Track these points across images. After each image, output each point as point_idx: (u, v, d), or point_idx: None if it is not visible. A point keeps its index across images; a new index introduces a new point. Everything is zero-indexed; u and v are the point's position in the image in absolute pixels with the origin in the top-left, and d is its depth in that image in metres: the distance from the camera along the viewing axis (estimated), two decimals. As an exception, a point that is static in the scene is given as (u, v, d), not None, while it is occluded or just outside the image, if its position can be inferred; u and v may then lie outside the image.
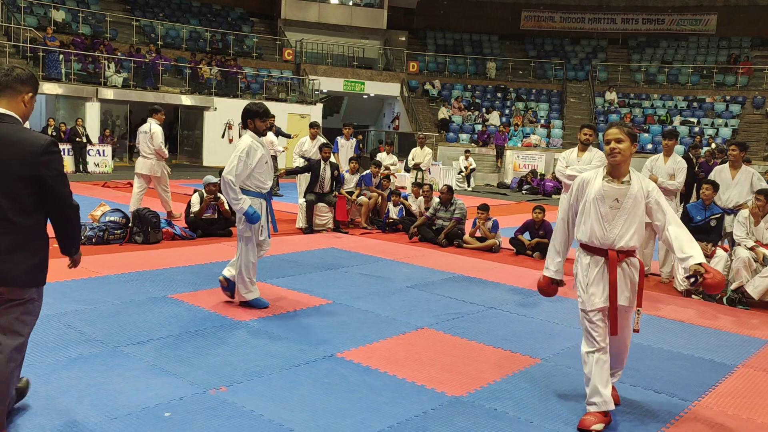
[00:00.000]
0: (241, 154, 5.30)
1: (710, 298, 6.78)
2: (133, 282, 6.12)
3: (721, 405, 4.11)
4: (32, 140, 2.90)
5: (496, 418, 3.72)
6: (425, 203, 10.36)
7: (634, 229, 3.64)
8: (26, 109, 3.01)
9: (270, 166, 5.64)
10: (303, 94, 24.00)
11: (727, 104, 25.23)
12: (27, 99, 3.01)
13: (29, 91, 3.02)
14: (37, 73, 18.66)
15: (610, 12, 30.24)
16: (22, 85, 2.99)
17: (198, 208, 8.85)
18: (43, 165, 2.88)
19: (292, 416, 3.58)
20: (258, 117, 5.42)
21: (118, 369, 4.03)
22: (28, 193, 2.89)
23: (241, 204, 5.27)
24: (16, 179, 2.86)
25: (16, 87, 2.97)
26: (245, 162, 5.30)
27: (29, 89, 3.01)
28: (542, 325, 5.60)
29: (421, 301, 6.13)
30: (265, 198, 5.55)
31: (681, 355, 5.03)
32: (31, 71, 3.09)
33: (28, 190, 2.89)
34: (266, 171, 5.50)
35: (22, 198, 2.88)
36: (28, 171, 2.86)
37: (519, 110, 26.02)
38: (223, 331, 4.94)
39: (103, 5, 24.28)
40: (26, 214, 2.91)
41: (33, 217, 2.94)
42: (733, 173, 7.46)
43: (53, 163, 2.92)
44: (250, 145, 5.37)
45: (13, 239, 2.90)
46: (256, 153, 5.37)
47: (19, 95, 2.98)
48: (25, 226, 2.91)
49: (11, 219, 2.88)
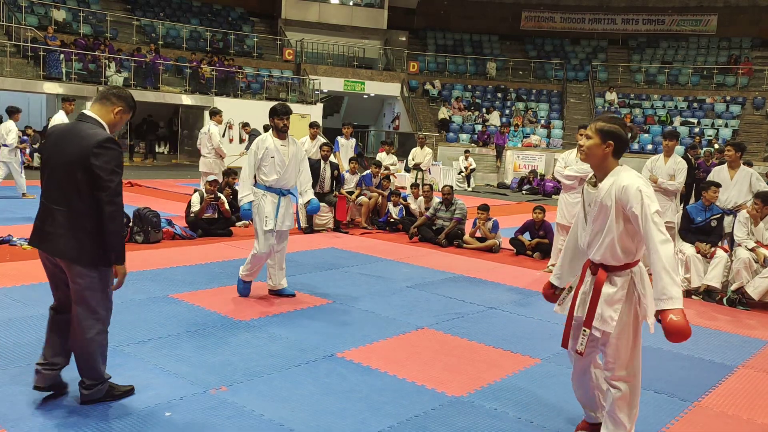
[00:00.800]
0: (252, 147, 5.82)
1: (710, 299, 6.78)
2: (134, 281, 6.12)
3: (721, 405, 4.11)
4: (94, 135, 3.31)
5: (496, 418, 3.72)
6: (425, 203, 10.36)
7: (604, 242, 3.08)
8: (114, 120, 3.48)
9: (279, 162, 5.77)
10: (303, 94, 24.00)
11: (728, 105, 25.23)
12: (116, 112, 3.48)
13: (121, 106, 3.49)
14: (37, 72, 18.71)
15: (611, 12, 30.23)
16: (117, 99, 3.49)
17: (198, 208, 8.85)
18: (93, 156, 3.25)
19: (293, 416, 3.58)
20: (276, 115, 5.79)
21: (119, 368, 4.03)
22: (82, 179, 3.27)
23: (240, 197, 5.83)
24: (76, 166, 3.27)
25: (111, 99, 3.48)
26: (254, 153, 5.74)
27: (121, 106, 3.49)
28: (542, 325, 5.60)
29: (422, 301, 6.14)
30: (278, 193, 5.78)
31: (681, 355, 5.03)
32: (130, 95, 3.59)
33: (83, 177, 3.27)
34: (270, 165, 5.72)
35: (80, 184, 3.28)
36: (84, 160, 3.25)
37: (519, 110, 26.01)
38: (224, 330, 4.94)
39: (104, 5, 24.27)
40: (82, 199, 3.30)
41: (87, 203, 3.30)
42: (731, 174, 7.46)
43: (103, 156, 3.26)
44: (258, 140, 5.82)
45: (67, 217, 3.31)
46: (263, 145, 5.74)
47: (112, 106, 3.48)
48: (80, 209, 3.31)
49: (69, 200, 3.31)
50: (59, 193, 3.33)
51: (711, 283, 6.74)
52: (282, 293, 6.00)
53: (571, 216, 7.51)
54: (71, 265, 3.33)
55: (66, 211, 3.31)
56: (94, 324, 3.42)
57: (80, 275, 3.34)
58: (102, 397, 3.55)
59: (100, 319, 3.44)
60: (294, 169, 5.88)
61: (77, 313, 3.40)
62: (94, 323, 3.42)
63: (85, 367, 3.49)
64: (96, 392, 3.52)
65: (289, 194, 5.89)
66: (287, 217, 5.84)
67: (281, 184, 5.78)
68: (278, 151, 5.74)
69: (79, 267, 3.32)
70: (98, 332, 3.44)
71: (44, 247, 3.40)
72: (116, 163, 3.32)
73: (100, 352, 3.49)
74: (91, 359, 3.46)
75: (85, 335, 3.41)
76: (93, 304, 3.39)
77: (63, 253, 3.32)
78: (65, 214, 3.31)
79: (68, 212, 3.31)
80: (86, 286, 3.36)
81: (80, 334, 3.42)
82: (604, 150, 3.20)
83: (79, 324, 3.41)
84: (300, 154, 5.98)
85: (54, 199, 3.35)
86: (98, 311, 3.42)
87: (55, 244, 3.33)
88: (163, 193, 13.64)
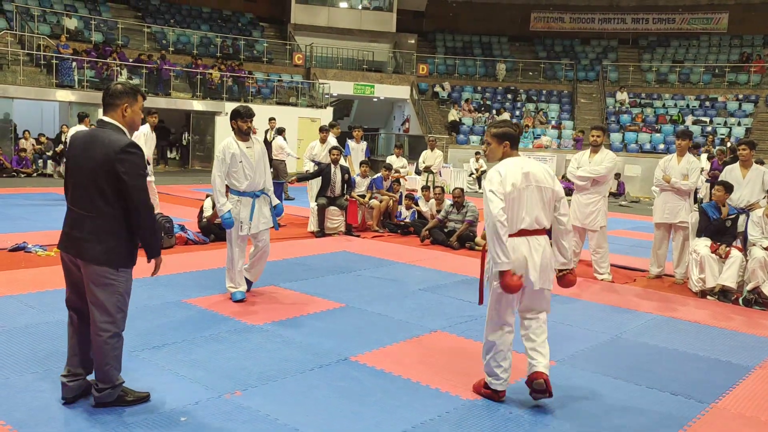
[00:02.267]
0: (218, 154, 5.76)
1: (725, 299, 6.72)
2: (147, 287, 6.15)
3: (739, 407, 4.07)
4: (117, 141, 3.39)
5: (511, 421, 3.71)
6: (437, 206, 10.35)
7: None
8: (127, 117, 3.52)
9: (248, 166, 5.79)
10: (313, 98, 24.06)
11: (740, 103, 25.01)
12: (125, 108, 3.51)
13: (125, 102, 3.51)
14: (50, 80, 18.88)
15: (621, 12, 30.08)
16: (118, 99, 3.51)
17: (210, 213, 8.89)
18: (118, 162, 3.33)
19: (307, 420, 3.58)
20: (239, 117, 5.76)
21: (134, 374, 4.05)
22: (109, 185, 3.35)
23: (219, 207, 5.76)
24: (101, 172, 3.35)
25: (114, 102, 3.51)
26: (222, 160, 5.74)
27: (125, 101, 3.51)
28: (556, 327, 5.56)
29: (434, 304, 6.12)
30: (251, 196, 5.83)
31: (697, 356, 4.99)
32: (129, 85, 3.61)
33: (109, 183, 3.35)
34: (240, 170, 5.76)
35: (105, 189, 3.36)
36: (108, 165, 3.34)
37: (529, 111, 25.92)
38: (237, 335, 4.95)
39: (115, 12, 24.47)
40: (108, 203, 3.37)
41: (114, 207, 3.38)
42: (743, 172, 7.39)
43: (127, 161, 3.35)
44: (223, 146, 5.78)
45: (96, 222, 3.39)
46: (228, 152, 5.73)
47: (119, 108, 3.51)
48: (107, 213, 3.39)
49: (97, 205, 3.38)
50: (86, 199, 3.41)
51: (726, 283, 6.68)
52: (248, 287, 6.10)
53: (584, 217, 7.48)
54: (94, 266, 3.39)
55: (93, 216, 3.39)
56: (109, 327, 3.47)
57: (103, 276, 3.39)
58: (113, 401, 3.57)
59: (115, 322, 3.48)
60: (262, 169, 5.92)
61: (93, 317, 3.45)
62: (109, 326, 3.47)
63: (98, 370, 3.53)
64: (106, 395, 3.54)
65: (262, 194, 5.94)
66: (261, 217, 5.92)
67: (253, 187, 5.85)
68: (245, 155, 5.77)
69: (104, 268, 3.39)
70: (112, 335, 3.48)
71: (73, 252, 3.45)
72: (140, 167, 3.42)
73: (114, 356, 3.52)
74: (104, 362, 3.49)
75: (100, 338, 3.46)
76: (109, 307, 3.45)
77: (91, 256, 3.38)
78: (92, 218, 3.39)
79: (95, 216, 3.38)
80: (105, 289, 3.41)
81: (95, 337, 3.47)
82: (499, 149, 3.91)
83: (94, 327, 3.46)
84: (264, 151, 6.03)
85: (81, 205, 3.43)
86: (114, 315, 3.47)
87: (82, 248, 3.40)
88: (176, 198, 13.72)
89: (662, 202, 7.63)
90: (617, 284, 7.41)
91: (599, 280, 7.51)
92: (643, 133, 23.54)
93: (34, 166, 17.35)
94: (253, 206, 5.85)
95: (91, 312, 3.46)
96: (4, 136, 18.50)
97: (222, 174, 5.76)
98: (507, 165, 3.81)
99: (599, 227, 7.46)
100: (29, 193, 11.74)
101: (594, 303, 6.51)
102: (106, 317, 3.44)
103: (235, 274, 5.92)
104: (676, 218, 7.50)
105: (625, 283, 7.51)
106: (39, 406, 3.56)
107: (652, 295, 6.99)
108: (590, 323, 5.76)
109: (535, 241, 3.83)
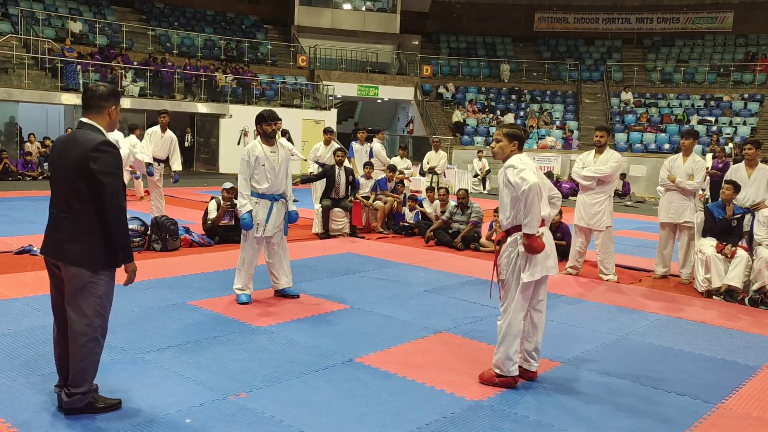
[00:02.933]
0: (243, 156, 5.82)
1: (731, 299, 6.69)
2: (152, 289, 6.17)
3: (745, 407, 4.05)
4: (92, 140, 3.36)
5: (516, 422, 3.70)
6: (441, 207, 10.34)
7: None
8: (111, 120, 3.53)
9: (270, 169, 5.85)
10: (317, 100, 24.08)
11: (745, 102, 24.92)
12: (111, 111, 3.51)
13: (112, 103, 3.51)
14: (55, 84, 18.96)
15: (625, 12, 30.02)
16: (105, 101, 3.49)
17: (215, 215, 8.90)
18: (91, 159, 3.30)
19: (312, 421, 3.58)
20: (263, 121, 5.83)
21: (139, 376, 4.06)
22: (83, 184, 3.32)
23: (239, 207, 5.86)
24: (77, 172, 3.32)
25: (101, 104, 3.48)
26: (246, 162, 5.80)
27: (112, 103, 3.51)
28: (561, 327, 5.56)
29: (439, 305, 6.12)
30: (270, 199, 5.88)
31: (703, 356, 4.97)
32: (112, 87, 3.60)
33: (83, 182, 3.32)
34: (262, 173, 5.82)
35: (81, 189, 3.33)
36: (83, 164, 3.31)
37: (534, 112, 25.88)
38: (242, 337, 4.96)
39: (119, 16, 24.56)
40: (84, 204, 3.35)
41: (90, 207, 3.35)
42: (749, 172, 7.37)
43: (100, 159, 3.32)
44: (248, 148, 5.86)
45: (73, 223, 3.37)
46: (253, 154, 5.80)
47: (104, 110, 3.49)
48: (83, 214, 3.36)
49: (73, 207, 3.36)
50: (63, 201, 3.39)
51: (732, 283, 6.65)
52: (285, 293, 6.09)
53: (589, 217, 7.46)
54: (71, 267, 3.35)
55: (70, 217, 3.37)
56: (86, 330, 3.39)
57: (80, 278, 3.35)
58: (82, 407, 3.49)
59: (92, 325, 3.40)
60: (284, 174, 5.97)
61: (70, 320, 3.40)
62: (87, 330, 3.39)
63: (71, 373, 3.46)
64: (76, 401, 3.47)
65: (281, 199, 5.97)
66: (278, 221, 5.95)
67: (273, 190, 5.89)
68: (268, 159, 5.82)
69: (81, 269, 3.35)
70: (90, 340, 3.41)
71: (52, 254, 3.43)
72: (114, 166, 3.36)
73: (91, 361, 3.45)
74: (79, 366, 3.42)
75: (77, 342, 3.40)
76: (86, 309, 3.38)
77: (68, 258, 3.35)
78: (69, 219, 3.37)
79: (72, 218, 3.36)
80: (83, 291, 3.36)
81: (72, 341, 3.41)
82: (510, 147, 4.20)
83: (72, 331, 3.41)
84: (288, 158, 6.07)
85: (59, 207, 3.41)
86: (91, 318, 3.40)
87: (61, 249, 3.37)
88: (180, 200, 13.75)
89: (667, 201, 7.62)
90: (623, 284, 7.39)
91: (605, 281, 7.49)
92: (648, 133, 23.48)
93: (40, 169, 17.42)
94: (271, 209, 5.89)
95: (69, 315, 3.40)
96: (10, 139, 18.59)
97: (246, 176, 5.81)
98: (526, 160, 4.12)
99: (605, 227, 7.44)
100: (35, 196, 11.79)
101: (599, 303, 6.49)
102: (83, 320, 3.38)
103: (244, 276, 5.90)
104: (680, 218, 7.48)
105: (630, 283, 7.49)
106: (44, 409, 3.57)
107: (657, 295, 6.97)
108: (596, 324, 5.74)
109: (549, 232, 4.28)
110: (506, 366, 4.15)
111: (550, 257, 4.18)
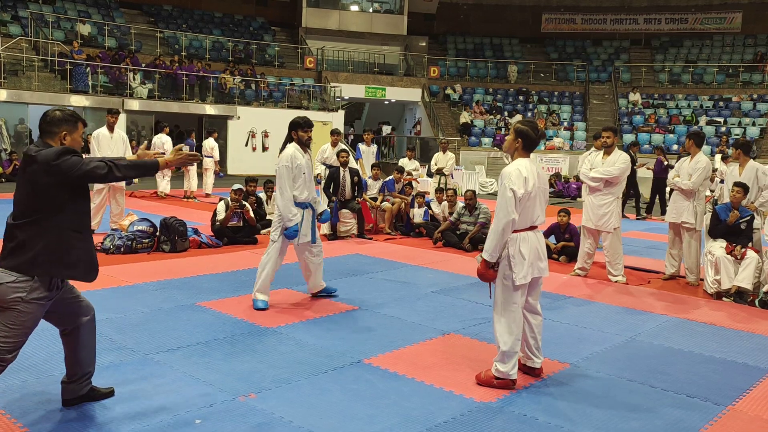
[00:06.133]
0: (287, 164, 5.65)
1: (741, 301, 6.66)
2: (162, 290, 6.20)
3: (756, 409, 4.03)
4: (50, 153, 3.23)
5: (525, 424, 3.69)
6: (449, 208, 10.33)
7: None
8: (66, 144, 3.34)
9: (308, 178, 5.83)
10: (325, 102, 24.12)
11: (754, 103, 24.80)
12: (63, 136, 3.35)
13: (63, 130, 3.35)
14: (64, 86, 19.06)
15: (632, 12, 29.94)
16: (56, 127, 3.35)
17: (223, 216, 8.93)
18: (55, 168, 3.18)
19: (321, 423, 3.59)
20: (299, 128, 5.73)
21: (149, 377, 4.08)
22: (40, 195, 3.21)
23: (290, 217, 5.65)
24: (33, 184, 3.21)
25: (52, 130, 3.35)
26: (290, 169, 5.67)
27: (63, 129, 3.35)
28: (570, 329, 5.55)
29: (447, 306, 6.12)
30: (304, 207, 5.82)
31: (713, 358, 4.94)
32: (68, 112, 3.42)
33: (53, 192, 3.22)
34: (302, 181, 5.75)
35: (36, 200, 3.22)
36: (51, 177, 3.19)
37: (541, 113, 25.84)
38: (251, 338, 4.97)
39: (128, 18, 24.69)
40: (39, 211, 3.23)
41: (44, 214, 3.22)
42: (740, 171, 7.43)
43: (64, 164, 3.19)
44: (290, 157, 5.69)
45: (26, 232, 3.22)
46: (296, 162, 5.69)
47: (56, 136, 3.35)
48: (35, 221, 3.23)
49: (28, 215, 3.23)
50: (18, 210, 3.28)
51: (742, 284, 6.62)
52: (327, 291, 6.22)
53: (597, 218, 7.44)
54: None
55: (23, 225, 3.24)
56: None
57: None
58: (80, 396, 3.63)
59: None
60: (312, 179, 5.96)
61: None
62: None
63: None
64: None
65: (310, 206, 5.95)
66: (308, 227, 5.92)
67: (309, 197, 5.89)
68: (308, 167, 5.79)
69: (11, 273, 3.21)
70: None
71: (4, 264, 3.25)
72: (80, 165, 3.23)
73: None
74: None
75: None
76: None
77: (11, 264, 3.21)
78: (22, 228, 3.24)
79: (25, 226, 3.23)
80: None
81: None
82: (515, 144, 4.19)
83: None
84: (311, 162, 6.04)
85: (15, 216, 3.29)
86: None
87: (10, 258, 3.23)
88: (189, 202, 13.79)
89: (672, 202, 7.67)
90: (631, 286, 7.36)
91: (613, 282, 7.46)
92: (657, 134, 23.39)
93: (49, 170, 17.51)
94: (304, 216, 5.84)
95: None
96: (20, 141, 18.70)
97: (290, 184, 5.67)
98: (526, 166, 4.12)
99: (612, 228, 7.42)
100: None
101: (608, 305, 6.47)
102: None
103: (265, 280, 5.77)
104: (679, 218, 7.50)
105: (639, 284, 7.46)
106: (54, 408, 3.59)
107: (666, 296, 6.94)
108: (605, 325, 5.72)
109: (540, 235, 4.28)
110: (504, 368, 4.13)
111: (541, 259, 4.22)
